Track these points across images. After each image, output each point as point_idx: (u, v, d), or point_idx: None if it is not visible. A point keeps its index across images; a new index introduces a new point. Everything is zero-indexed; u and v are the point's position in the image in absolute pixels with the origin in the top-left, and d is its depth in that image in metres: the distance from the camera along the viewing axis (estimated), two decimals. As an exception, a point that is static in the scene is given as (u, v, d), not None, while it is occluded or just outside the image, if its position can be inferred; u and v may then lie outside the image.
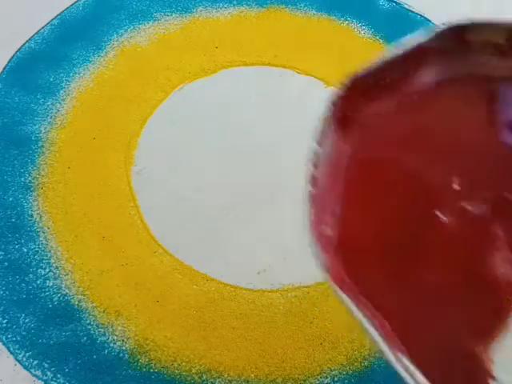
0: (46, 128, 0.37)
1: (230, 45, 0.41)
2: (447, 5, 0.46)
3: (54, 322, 0.30)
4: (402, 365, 0.18)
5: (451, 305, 0.20)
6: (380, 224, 0.21)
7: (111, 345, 0.29)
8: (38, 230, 0.33)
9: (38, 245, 0.32)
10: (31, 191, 0.34)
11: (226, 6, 0.44)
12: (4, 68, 0.39)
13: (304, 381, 0.29)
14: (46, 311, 0.30)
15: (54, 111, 0.37)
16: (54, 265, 0.32)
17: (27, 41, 0.41)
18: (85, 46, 0.41)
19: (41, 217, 0.33)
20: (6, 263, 0.32)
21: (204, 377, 0.29)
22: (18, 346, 0.29)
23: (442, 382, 0.19)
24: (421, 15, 0.45)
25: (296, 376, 0.29)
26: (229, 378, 0.29)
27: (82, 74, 0.39)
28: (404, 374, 0.18)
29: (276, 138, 0.37)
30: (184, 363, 0.29)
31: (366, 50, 0.42)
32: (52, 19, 0.42)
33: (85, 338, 0.30)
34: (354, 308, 0.19)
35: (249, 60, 0.41)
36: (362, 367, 0.30)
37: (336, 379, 0.29)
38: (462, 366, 0.20)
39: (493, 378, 0.20)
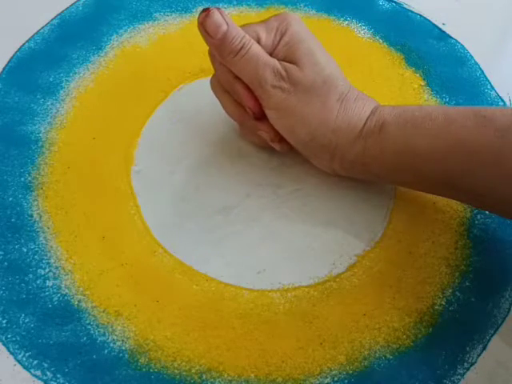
0: (45, 128, 0.37)
1: (229, 45, 0.41)
2: (447, 5, 0.46)
3: (53, 322, 0.30)
4: None
5: None
6: None
7: (111, 345, 0.29)
8: (38, 230, 0.33)
9: (38, 245, 0.32)
10: (31, 191, 0.34)
11: (225, 6, 0.44)
12: (4, 68, 0.39)
13: (304, 381, 0.29)
14: (46, 311, 0.30)
15: (54, 111, 0.37)
16: (53, 265, 0.32)
17: (27, 41, 0.41)
18: (85, 46, 0.41)
19: (41, 217, 0.33)
20: (5, 263, 0.32)
21: (204, 377, 0.29)
22: (17, 345, 0.29)
23: None
24: (421, 15, 0.45)
25: (296, 376, 0.29)
26: (229, 378, 0.29)
27: (81, 74, 0.39)
28: None
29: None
30: (184, 363, 0.29)
31: (365, 49, 0.42)
32: (52, 19, 0.42)
33: (85, 338, 0.30)
34: None
35: (249, 60, 0.41)
36: (362, 367, 0.30)
37: (336, 379, 0.29)
38: None
39: None
